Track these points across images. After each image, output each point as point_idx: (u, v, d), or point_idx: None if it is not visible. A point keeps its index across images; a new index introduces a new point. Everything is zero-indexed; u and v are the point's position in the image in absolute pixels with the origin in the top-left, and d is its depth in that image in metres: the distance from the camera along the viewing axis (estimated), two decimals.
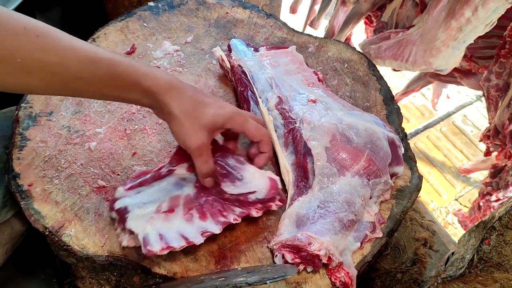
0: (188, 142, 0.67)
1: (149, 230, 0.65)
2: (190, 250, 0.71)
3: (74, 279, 0.82)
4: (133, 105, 0.88)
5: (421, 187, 0.82)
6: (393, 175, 0.80)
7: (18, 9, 1.05)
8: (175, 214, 0.69)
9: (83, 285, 0.81)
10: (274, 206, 0.73)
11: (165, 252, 0.64)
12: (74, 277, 0.81)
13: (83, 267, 0.75)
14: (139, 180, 0.72)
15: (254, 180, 0.73)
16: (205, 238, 0.67)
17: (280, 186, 0.74)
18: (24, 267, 1.09)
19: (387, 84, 0.97)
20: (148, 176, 0.73)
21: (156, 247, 0.63)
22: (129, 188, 0.71)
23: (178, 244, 0.65)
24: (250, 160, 0.78)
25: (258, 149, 0.77)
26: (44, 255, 1.06)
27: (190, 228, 0.67)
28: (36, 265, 1.10)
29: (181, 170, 0.74)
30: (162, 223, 0.67)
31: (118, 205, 0.69)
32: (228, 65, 0.91)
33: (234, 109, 0.72)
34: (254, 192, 0.72)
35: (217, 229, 0.68)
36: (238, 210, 0.72)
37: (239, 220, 0.71)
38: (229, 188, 0.72)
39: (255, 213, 0.72)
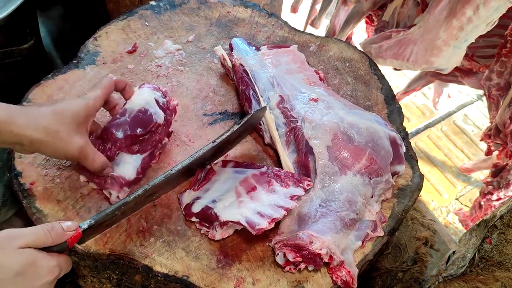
0: (69, 154, 0.67)
1: (246, 213, 0.68)
2: (191, 248, 0.71)
3: (76, 278, 0.82)
4: None
5: (422, 186, 0.82)
6: (394, 174, 0.80)
7: (19, 8, 1.05)
8: (258, 192, 0.72)
9: (85, 283, 0.81)
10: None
11: (272, 225, 0.67)
12: (76, 275, 0.81)
13: (85, 265, 0.75)
14: (199, 181, 0.77)
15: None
16: (295, 202, 0.71)
17: None
18: None
19: (388, 83, 0.97)
20: (202, 175, 0.77)
21: (263, 224, 0.66)
22: (197, 188, 0.76)
23: (279, 214, 0.68)
24: None
25: (123, 95, 0.77)
26: None
27: (278, 198, 0.71)
28: None
29: (232, 163, 0.79)
30: (253, 203, 0.70)
31: (196, 208, 0.73)
32: (230, 64, 0.91)
33: (83, 98, 0.69)
34: None
35: (301, 192, 0.72)
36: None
37: (311, 184, 0.75)
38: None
39: None
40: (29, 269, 0.54)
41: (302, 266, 0.69)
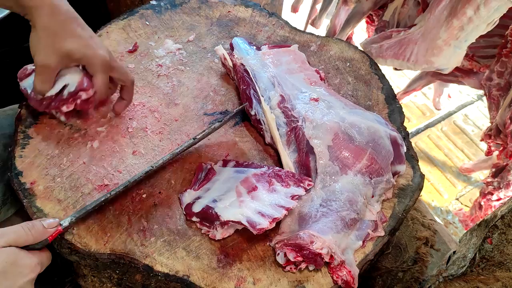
0: (37, 57, 0.69)
1: (247, 213, 0.68)
2: (192, 248, 0.71)
3: (76, 277, 0.82)
4: (134, 104, 0.88)
5: (423, 186, 0.82)
6: (395, 174, 0.80)
7: None
8: (258, 191, 0.72)
9: (85, 283, 0.81)
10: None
11: (273, 225, 0.67)
12: (76, 275, 0.81)
13: (85, 265, 0.75)
14: (200, 180, 0.77)
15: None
16: (296, 202, 0.71)
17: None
18: None
19: (389, 83, 0.97)
20: (203, 174, 0.77)
21: (264, 224, 0.66)
22: (198, 188, 0.76)
23: (280, 213, 0.68)
24: None
25: (120, 94, 0.78)
26: None
27: (279, 197, 0.71)
28: None
29: (232, 162, 0.79)
30: (254, 203, 0.70)
31: (197, 207, 0.72)
32: (231, 64, 0.91)
33: (100, 53, 0.72)
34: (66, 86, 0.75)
35: (302, 191, 0.72)
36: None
37: (312, 184, 0.75)
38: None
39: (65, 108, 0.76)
40: (10, 268, 0.54)
41: (303, 265, 0.69)
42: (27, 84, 0.77)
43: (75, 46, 0.70)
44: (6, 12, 1.03)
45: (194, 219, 0.73)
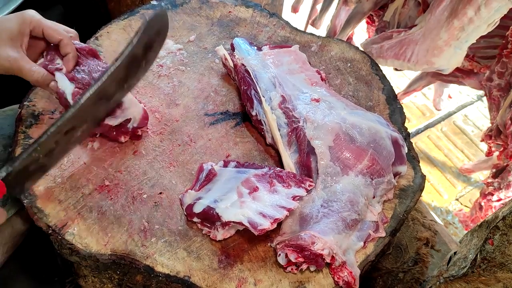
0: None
1: (248, 214, 0.68)
2: (193, 249, 0.71)
3: (76, 278, 0.82)
4: None
5: (424, 186, 0.82)
6: (396, 175, 0.80)
7: (19, 8, 1.05)
8: (260, 192, 0.72)
9: (85, 283, 0.81)
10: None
11: (275, 225, 0.67)
12: (76, 275, 0.81)
13: (86, 265, 0.75)
14: (200, 181, 0.77)
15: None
16: (297, 202, 0.71)
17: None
18: (25, 266, 1.09)
19: (390, 83, 0.97)
20: (204, 175, 0.77)
21: (265, 224, 0.66)
22: (199, 188, 0.76)
23: (281, 214, 0.68)
24: None
25: (61, 52, 0.74)
26: (46, 254, 1.06)
27: (280, 198, 0.71)
28: (37, 264, 1.10)
29: (233, 163, 0.79)
30: (255, 204, 0.70)
31: (198, 208, 0.72)
32: (231, 64, 0.91)
33: (23, 14, 0.71)
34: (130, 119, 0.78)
35: (303, 192, 0.72)
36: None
37: (313, 184, 0.75)
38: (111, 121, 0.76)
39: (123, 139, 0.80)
40: None
41: (304, 266, 0.69)
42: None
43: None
44: (6, 12, 1.03)
45: (195, 219, 0.73)
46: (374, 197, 0.76)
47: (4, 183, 0.59)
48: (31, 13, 0.73)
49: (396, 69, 1.50)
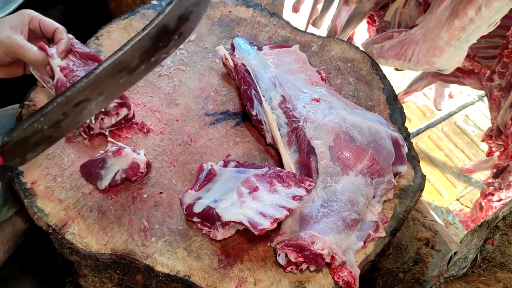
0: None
1: (248, 213, 0.68)
2: (193, 248, 0.71)
3: (77, 277, 0.82)
4: (135, 104, 0.88)
5: (424, 186, 0.82)
6: (396, 175, 0.80)
7: (20, 7, 1.05)
8: (260, 192, 0.71)
9: (86, 283, 0.81)
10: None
11: (275, 225, 0.67)
12: (77, 275, 0.81)
13: (86, 265, 0.75)
14: (200, 181, 0.77)
15: None
16: (297, 202, 0.71)
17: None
18: (26, 265, 1.09)
19: (390, 83, 0.97)
20: (204, 175, 0.77)
21: (265, 224, 0.66)
22: (199, 188, 0.75)
23: (281, 214, 0.68)
24: None
25: (54, 41, 0.77)
26: (46, 253, 1.07)
27: (280, 198, 0.71)
28: (38, 263, 1.10)
29: (233, 163, 0.79)
30: (255, 203, 0.70)
31: (198, 208, 0.72)
32: (232, 64, 0.91)
33: (21, 10, 0.75)
34: None
35: (303, 192, 0.72)
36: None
37: (313, 184, 0.74)
38: None
39: None
40: None
41: (304, 266, 0.69)
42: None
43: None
44: (6, 12, 1.03)
45: (195, 219, 0.73)
46: (374, 197, 0.76)
47: (1, 153, 0.57)
48: (29, 10, 0.77)
49: (396, 69, 1.50)
